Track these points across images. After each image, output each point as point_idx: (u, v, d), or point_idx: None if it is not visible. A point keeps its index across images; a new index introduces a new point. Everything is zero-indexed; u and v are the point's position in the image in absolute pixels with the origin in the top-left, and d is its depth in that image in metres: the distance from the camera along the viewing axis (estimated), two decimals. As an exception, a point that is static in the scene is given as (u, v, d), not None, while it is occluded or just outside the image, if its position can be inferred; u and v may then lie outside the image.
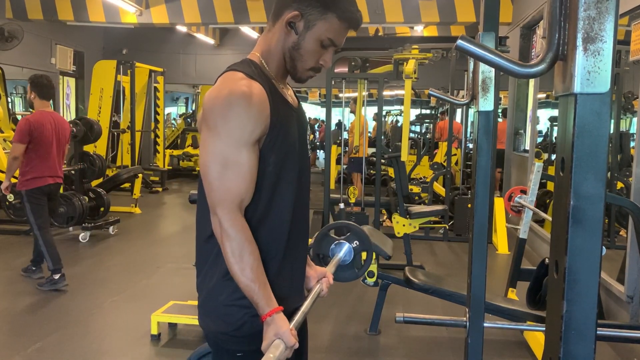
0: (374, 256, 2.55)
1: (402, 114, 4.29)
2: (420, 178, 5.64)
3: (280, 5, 0.94)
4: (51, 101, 3.38)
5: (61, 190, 4.64)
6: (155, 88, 7.61)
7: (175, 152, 8.63)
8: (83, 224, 4.22)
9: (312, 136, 10.34)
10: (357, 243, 1.24)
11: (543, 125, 6.41)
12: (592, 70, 0.52)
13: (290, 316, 0.91)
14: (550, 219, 2.47)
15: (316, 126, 11.31)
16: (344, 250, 1.22)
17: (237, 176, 0.86)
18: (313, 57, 0.95)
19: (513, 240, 3.27)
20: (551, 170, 3.77)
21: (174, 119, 11.55)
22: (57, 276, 3.06)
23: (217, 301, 0.92)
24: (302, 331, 1.03)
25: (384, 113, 5.97)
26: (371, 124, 8.81)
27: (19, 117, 6.11)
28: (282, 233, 0.93)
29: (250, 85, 0.88)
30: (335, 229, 1.59)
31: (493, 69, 1.26)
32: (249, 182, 0.88)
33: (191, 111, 11.72)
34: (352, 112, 5.68)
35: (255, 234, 0.90)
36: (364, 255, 1.34)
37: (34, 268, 3.36)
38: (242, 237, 0.86)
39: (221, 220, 0.86)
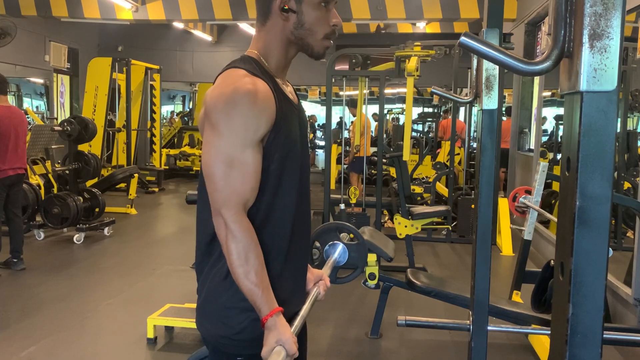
0: (374, 258, 2.49)
1: (404, 113, 4.24)
2: (423, 178, 5.60)
3: (264, 2, 0.92)
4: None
5: (55, 190, 4.57)
6: (152, 86, 7.53)
7: (172, 152, 8.56)
8: (77, 225, 4.17)
9: (311, 135, 10.25)
10: (351, 241, 1.26)
11: (548, 124, 6.38)
12: (598, 67, 0.51)
13: (291, 320, 0.89)
14: (555, 220, 2.42)
15: (316, 124, 11.22)
16: (338, 250, 1.20)
17: (243, 176, 0.84)
18: (321, 24, 0.93)
19: (517, 241, 3.24)
20: (557, 170, 3.71)
21: (177, 115, 11.44)
22: None
23: (217, 303, 0.90)
24: (301, 335, 1.00)
25: (385, 111, 5.91)
26: (373, 125, 8.75)
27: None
28: (285, 233, 0.91)
29: (255, 83, 0.86)
30: (325, 233, 1.59)
31: (497, 67, 1.26)
32: (254, 182, 0.86)
33: (188, 109, 11.64)
34: (353, 115, 5.62)
35: (258, 234, 0.87)
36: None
37: (15, 260, 3.38)
38: (248, 239, 0.84)
39: (227, 221, 0.84)
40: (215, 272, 0.90)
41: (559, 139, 5.40)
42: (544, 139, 5.94)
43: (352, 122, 5.63)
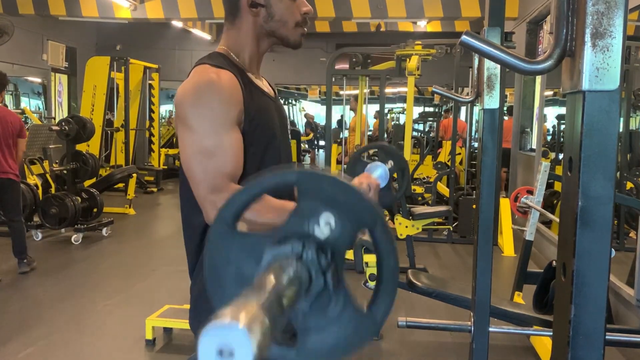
0: (374, 258, 2.46)
1: (405, 112, 4.22)
2: (424, 178, 5.56)
3: (231, 0, 0.92)
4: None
5: (53, 190, 4.54)
6: (150, 85, 7.50)
7: (171, 151, 8.52)
8: (75, 226, 4.14)
9: (311, 134, 10.21)
10: (392, 163, 1.12)
11: (550, 124, 6.36)
12: (600, 66, 0.51)
13: None
14: (557, 220, 2.40)
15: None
16: (378, 172, 1.11)
17: (223, 161, 0.82)
18: (292, 14, 0.93)
19: (519, 242, 3.22)
20: (558, 170, 3.70)
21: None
22: None
23: (209, 302, 0.84)
24: None
25: (385, 111, 5.88)
26: (372, 122, 8.72)
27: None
28: None
29: (217, 73, 0.86)
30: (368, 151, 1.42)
31: (498, 66, 1.26)
32: (236, 162, 0.83)
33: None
34: (352, 109, 5.59)
35: None
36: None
37: (25, 261, 3.36)
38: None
39: (217, 202, 0.80)
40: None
41: (561, 139, 5.39)
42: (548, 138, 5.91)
43: (351, 119, 5.58)
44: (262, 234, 0.41)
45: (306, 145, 9.58)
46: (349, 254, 3.12)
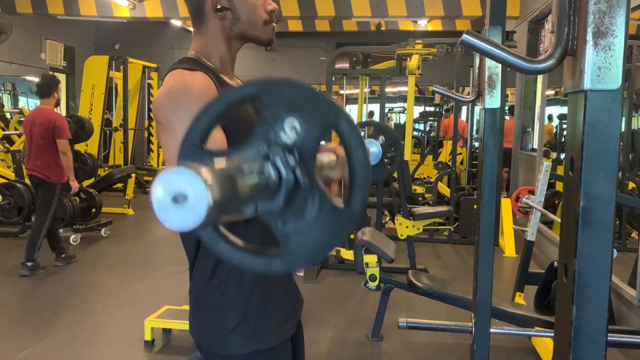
0: (375, 259, 2.45)
1: (405, 112, 4.20)
2: (424, 178, 5.54)
3: (195, 5, 0.92)
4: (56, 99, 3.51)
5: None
6: (149, 84, 7.47)
7: (170, 150, 8.48)
8: (74, 226, 4.14)
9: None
10: (383, 138, 1.17)
11: (555, 123, 6.35)
12: (602, 66, 0.51)
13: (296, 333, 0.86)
14: (559, 220, 2.39)
15: None
16: (371, 148, 1.14)
17: None
18: (257, 13, 0.92)
19: (520, 242, 3.21)
20: (560, 170, 3.69)
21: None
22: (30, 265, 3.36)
23: (206, 305, 0.89)
24: (298, 338, 0.98)
25: (386, 110, 5.87)
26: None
27: (8, 115, 5.97)
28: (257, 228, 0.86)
29: (190, 75, 0.86)
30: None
31: (499, 65, 1.25)
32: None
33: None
34: None
35: (245, 229, 0.83)
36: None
37: (29, 265, 3.36)
38: None
39: None
40: (200, 274, 0.90)
41: (563, 139, 5.38)
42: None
43: None
44: (230, 150, 0.41)
45: None
46: (349, 255, 3.10)
